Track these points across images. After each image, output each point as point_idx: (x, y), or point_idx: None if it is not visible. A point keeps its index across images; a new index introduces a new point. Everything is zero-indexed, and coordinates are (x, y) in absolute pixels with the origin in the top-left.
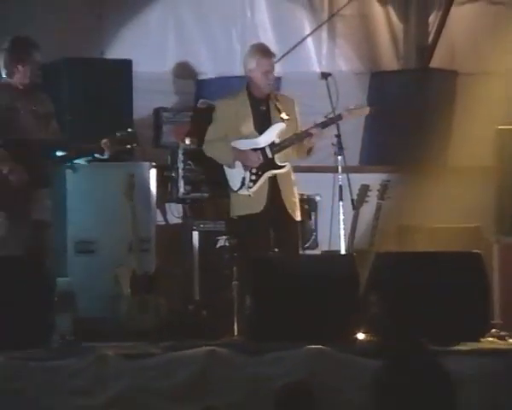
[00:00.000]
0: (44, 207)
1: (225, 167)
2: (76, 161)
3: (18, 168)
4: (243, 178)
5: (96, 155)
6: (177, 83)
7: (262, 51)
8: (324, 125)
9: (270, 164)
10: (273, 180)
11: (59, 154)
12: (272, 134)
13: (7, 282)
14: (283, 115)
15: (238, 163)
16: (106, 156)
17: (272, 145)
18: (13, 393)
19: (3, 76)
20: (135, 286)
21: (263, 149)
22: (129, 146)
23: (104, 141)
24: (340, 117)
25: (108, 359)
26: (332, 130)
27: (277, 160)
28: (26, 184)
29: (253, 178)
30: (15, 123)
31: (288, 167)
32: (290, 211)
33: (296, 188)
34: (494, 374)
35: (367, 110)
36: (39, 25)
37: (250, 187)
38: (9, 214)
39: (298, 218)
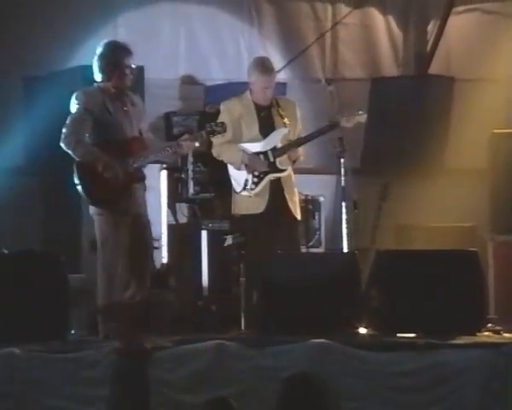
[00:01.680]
0: (141, 201)
1: (229, 169)
2: None
3: (112, 165)
4: (246, 181)
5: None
6: (186, 89)
7: (262, 68)
8: (323, 132)
9: (271, 168)
10: (276, 182)
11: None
12: (275, 139)
13: (24, 276)
14: (286, 121)
15: (242, 166)
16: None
17: (274, 149)
18: (31, 383)
19: (99, 80)
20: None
21: (265, 153)
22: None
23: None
24: (337, 124)
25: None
26: (335, 133)
27: (278, 164)
28: (121, 179)
29: (255, 180)
30: (109, 124)
31: (289, 171)
32: (293, 211)
33: (297, 190)
34: (490, 366)
35: (364, 117)
36: (56, 33)
37: (252, 189)
38: (111, 210)
39: (299, 217)
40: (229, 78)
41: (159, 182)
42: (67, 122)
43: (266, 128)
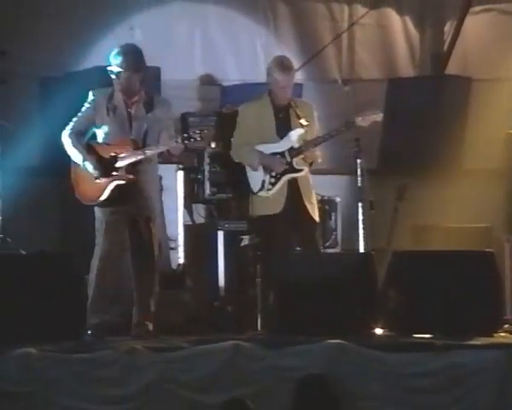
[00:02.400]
0: (144, 202)
1: (247, 170)
2: None
3: (89, 165)
4: (263, 181)
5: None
6: (203, 89)
7: (281, 67)
8: (339, 131)
9: (288, 168)
10: (293, 183)
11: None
12: (292, 139)
13: (40, 277)
14: (303, 121)
15: (260, 167)
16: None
17: (291, 150)
18: (46, 382)
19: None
20: (164, 283)
21: (282, 154)
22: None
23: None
24: (353, 124)
25: (137, 352)
26: (351, 134)
27: (295, 164)
28: (102, 180)
29: (272, 181)
30: (103, 125)
31: (305, 171)
32: (310, 212)
33: (314, 191)
34: (505, 367)
35: (380, 116)
36: (72, 35)
37: (269, 189)
38: (102, 212)
39: (317, 219)
40: (245, 78)
41: (175, 182)
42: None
43: (283, 129)
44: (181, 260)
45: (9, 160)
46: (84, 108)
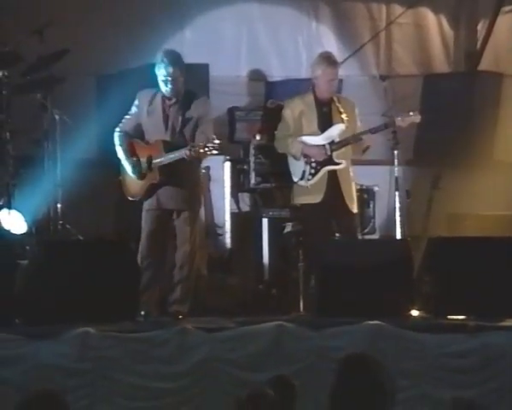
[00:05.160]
0: (179, 196)
1: (289, 160)
2: None
3: (129, 162)
4: (303, 171)
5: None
6: (248, 85)
7: (328, 61)
8: (378, 129)
9: (328, 160)
10: (333, 175)
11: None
12: (333, 133)
13: (98, 262)
14: (344, 117)
15: (301, 157)
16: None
17: (332, 143)
18: (104, 360)
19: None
20: (212, 267)
21: (323, 146)
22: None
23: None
24: (393, 123)
25: (189, 332)
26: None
27: (335, 157)
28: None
29: (312, 171)
30: (142, 125)
31: (344, 164)
32: (348, 203)
33: (354, 183)
34: None
35: (418, 118)
36: (126, 35)
37: (309, 179)
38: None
39: (355, 210)
40: (289, 75)
41: (223, 173)
42: None
43: (325, 124)
44: (228, 246)
45: (68, 152)
46: (131, 109)
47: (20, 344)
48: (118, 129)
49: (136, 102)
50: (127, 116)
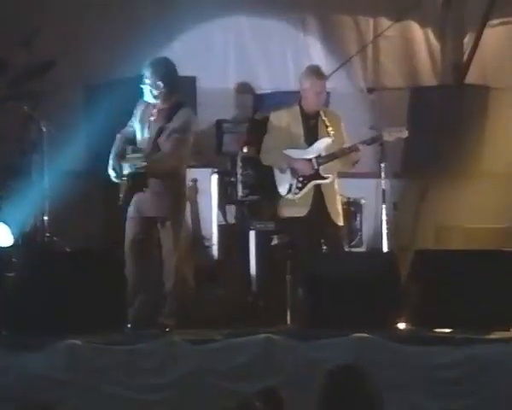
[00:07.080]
0: (158, 204)
1: (275, 174)
2: None
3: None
4: (290, 185)
5: None
6: (236, 97)
7: (316, 74)
8: (366, 144)
9: (315, 175)
10: (318, 189)
11: None
12: (319, 147)
13: (84, 273)
14: (330, 130)
15: (288, 171)
16: None
17: (318, 157)
18: (91, 372)
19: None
20: (199, 279)
21: (310, 161)
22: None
23: None
24: (380, 137)
25: (176, 343)
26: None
27: (322, 171)
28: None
29: (299, 185)
30: (134, 135)
31: (332, 178)
32: (333, 216)
33: (339, 196)
34: None
35: (405, 134)
36: (113, 44)
37: (296, 193)
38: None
39: (340, 223)
40: (277, 87)
41: (210, 185)
42: None
43: (311, 137)
44: (215, 258)
45: (56, 163)
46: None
47: (7, 355)
48: (119, 132)
49: (135, 109)
50: (129, 122)
